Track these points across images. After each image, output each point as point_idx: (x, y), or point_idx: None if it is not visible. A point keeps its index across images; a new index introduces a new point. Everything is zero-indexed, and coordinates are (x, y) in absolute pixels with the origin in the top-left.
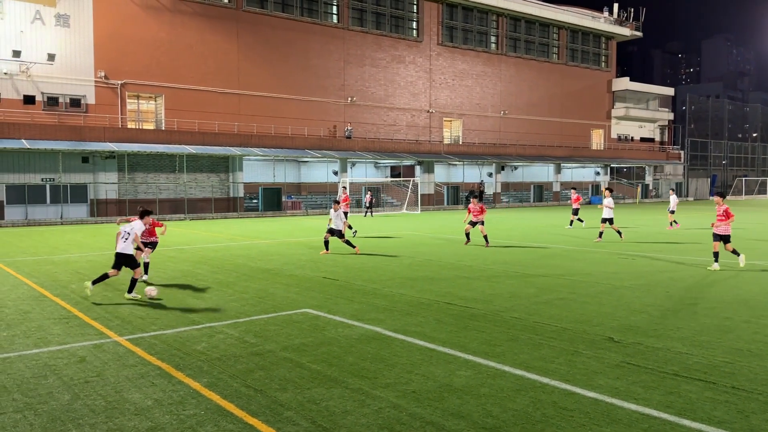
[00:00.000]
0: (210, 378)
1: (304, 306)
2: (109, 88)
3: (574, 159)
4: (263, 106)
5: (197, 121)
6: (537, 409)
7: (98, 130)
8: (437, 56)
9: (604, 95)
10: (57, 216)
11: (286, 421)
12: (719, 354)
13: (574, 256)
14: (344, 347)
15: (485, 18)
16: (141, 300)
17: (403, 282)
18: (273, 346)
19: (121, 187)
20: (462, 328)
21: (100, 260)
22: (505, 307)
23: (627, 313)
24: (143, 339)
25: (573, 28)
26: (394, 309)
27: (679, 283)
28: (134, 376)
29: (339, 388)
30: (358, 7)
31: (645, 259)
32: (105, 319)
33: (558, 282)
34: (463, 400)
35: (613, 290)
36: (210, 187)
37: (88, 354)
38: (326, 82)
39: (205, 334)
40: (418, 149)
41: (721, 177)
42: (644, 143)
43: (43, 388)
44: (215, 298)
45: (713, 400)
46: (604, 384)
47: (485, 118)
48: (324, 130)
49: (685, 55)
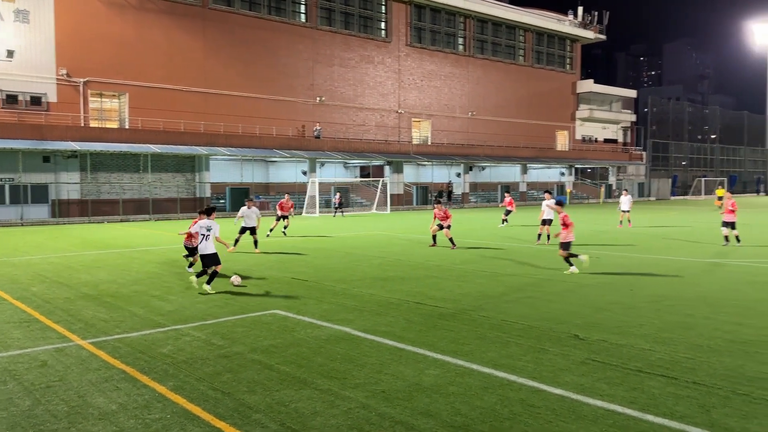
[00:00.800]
0: (176, 381)
1: (273, 307)
2: (71, 86)
3: (540, 160)
4: (230, 105)
5: (162, 120)
6: (505, 407)
7: (60, 129)
8: (406, 57)
9: (568, 97)
10: (17, 217)
11: (255, 423)
12: (681, 350)
13: (539, 255)
14: (313, 348)
15: (453, 19)
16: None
17: (372, 282)
18: (241, 348)
19: (84, 187)
20: (431, 327)
21: (62, 262)
22: (474, 306)
23: (592, 311)
24: (107, 342)
25: (539, 31)
26: (364, 309)
27: (642, 280)
28: (98, 381)
29: (308, 390)
30: (326, 7)
31: (609, 257)
32: (67, 323)
33: (525, 281)
34: (432, 399)
35: (578, 288)
36: (176, 187)
37: (49, 358)
38: (295, 81)
39: (171, 337)
40: (387, 149)
41: (682, 177)
42: (607, 144)
43: (2, 394)
44: (181, 300)
45: (675, 396)
46: (570, 381)
47: (453, 118)
48: (293, 130)
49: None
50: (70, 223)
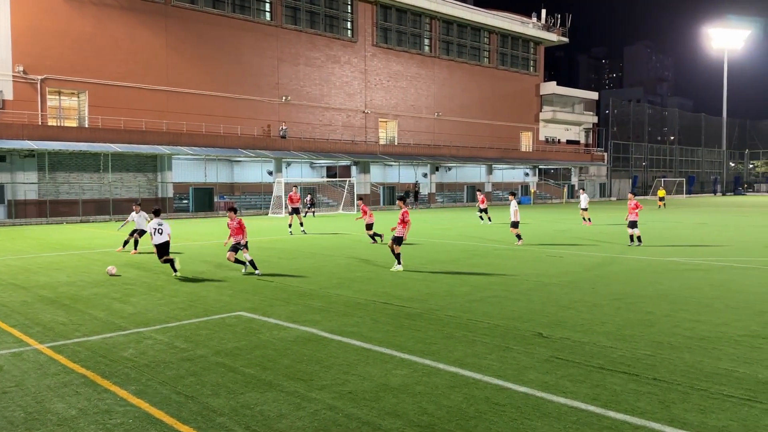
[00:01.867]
0: (138, 385)
1: (238, 309)
2: (28, 83)
3: (505, 160)
4: (193, 104)
5: (123, 119)
6: (471, 405)
7: (16, 128)
8: (372, 57)
9: (532, 99)
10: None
11: (219, 427)
12: (642, 347)
13: (506, 255)
14: (279, 350)
15: (419, 20)
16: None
17: (339, 282)
18: (205, 350)
19: (42, 188)
20: (398, 327)
21: (19, 264)
22: (441, 305)
23: (556, 309)
24: (66, 346)
25: (503, 33)
26: (331, 310)
27: (604, 279)
28: (57, 385)
29: (274, 392)
30: (291, 5)
31: (572, 256)
32: (24, 326)
33: (491, 280)
34: (399, 399)
35: (543, 287)
36: (137, 187)
37: (5, 363)
38: (260, 80)
39: (133, 340)
40: (354, 149)
41: (642, 178)
42: (570, 145)
43: None
44: (143, 303)
45: (636, 392)
46: (534, 378)
47: (420, 119)
48: (258, 130)
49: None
50: (28, 224)
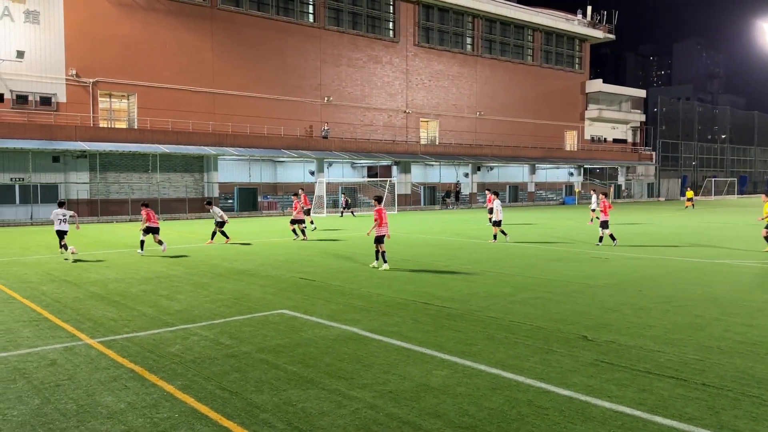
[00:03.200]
0: (184, 380)
1: (281, 307)
2: (80, 86)
3: (549, 160)
4: (238, 106)
5: (171, 120)
6: (512, 408)
7: (69, 129)
8: (414, 57)
9: (577, 97)
10: (27, 216)
11: (262, 423)
12: (690, 351)
13: (548, 256)
14: (321, 348)
15: (461, 19)
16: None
17: (379, 282)
18: (248, 347)
19: (93, 187)
20: (439, 327)
21: (71, 261)
22: (482, 306)
23: (600, 312)
24: (115, 341)
25: (547, 30)
26: (371, 309)
27: (651, 281)
28: (106, 379)
29: (315, 389)
30: (334, 7)
31: (617, 258)
32: (77, 322)
33: (533, 281)
34: (439, 400)
35: (587, 289)
36: (184, 187)
37: (59, 357)
38: (302, 81)
39: (179, 336)
40: (394, 149)
41: (692, 177)
42: (617, 144)
43: (12, 393)
44: (190, 300)
45: (684, 397)
46: (578, 382)
47: (461, 118)
48: (300, 130)
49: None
50: (80, 222)
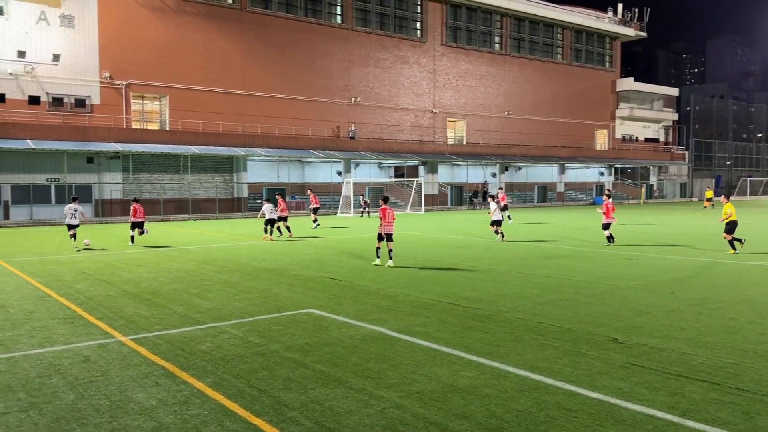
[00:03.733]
0: (214, 378)
1: (308, 306)
2: (113, 88)
3: (578, 159)
4: (267, 107)
5: (201, 122)
6: (541, 410)
7: (103, 131)
8: (441, 57)
9: (608, 95)
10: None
11: (290, 421)
12: (724, 355)
13: (577, 257)
14: (348, 347)
15: (489, 18)
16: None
17: (406, 282)
18: (277, 346)
19: (126, 187)
20: (466, 328)
21: (104, 260)
22: (509, 307)
23: (631, 314)
24: (147, 339)
25: (577, 29)
26: (398, 309)
27: (683, 283)
28: (138, 376)
29: (342, 389)
30: (362, 8)
31: (649, 259)
32: (110, 319)
33: (562, 282)
34: (466, 401)
35: (617, 291)
36: (214, 187)
37: (92, 354)
38: (330, 82)
39: (209, 334)
40: (421, 149)
41: (726, 177)
42: (649, 144)
43: (47, 388)
44: (219, 298)
45: (718, 402)
46: (608, 385)
47: (489, 118)
48: (328, 131)
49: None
50: (113, 222)
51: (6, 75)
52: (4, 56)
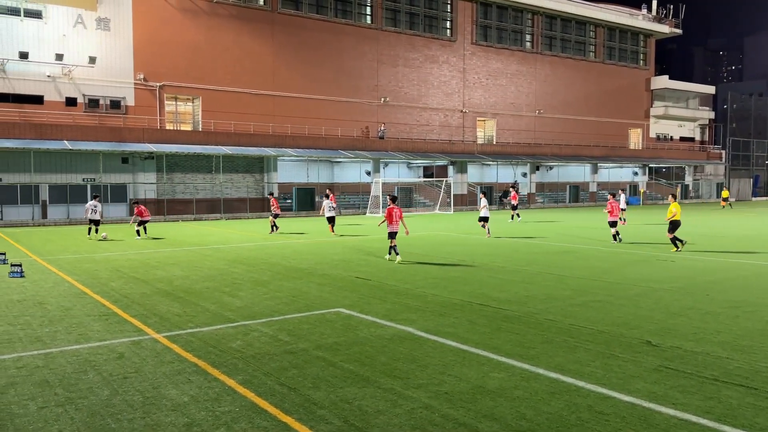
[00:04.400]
0: (245, 375)
1: (337, 305)
2: (147, 90)
3: (612, 159)
4: (297, 107)
5: (233, 122)
6: (572, 413)
7: (137, 132)
8: (471, 55)
9: (642, 94)
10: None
11: (319, 419)
12: (761, 359)
13: (609, 258)
14: (376, 347)
15: (520, 16)
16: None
17: (435, 282)
18: (306, 344)
19: (160, 187)
20: (495, 329)
21: (139, 258)
22: (540, 309)
23: (665, 316)
24: (180, 336)
25: (610, 26)
26: (427, 309)
27: (719, 285)
28: (171, 373)
29: (371, 388)
30: (391, 8)
31: (684, 260)
32: (143, 317)
33: (594, 284)
34: (496, 402)
35: (651, 292)
36: (245, 187)
37: (126, 350)
38: (359, 82)
39: (240, 332)
40: (451, 149)
41: (764, 177)
42: (684, 143)
43: (83, 383)
44: (250, 297)
45: (755, 407)
46: (641, 388)
47: (520, 117)
48: (357, 131)
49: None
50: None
51: (44, 77)
52: (43, 59)
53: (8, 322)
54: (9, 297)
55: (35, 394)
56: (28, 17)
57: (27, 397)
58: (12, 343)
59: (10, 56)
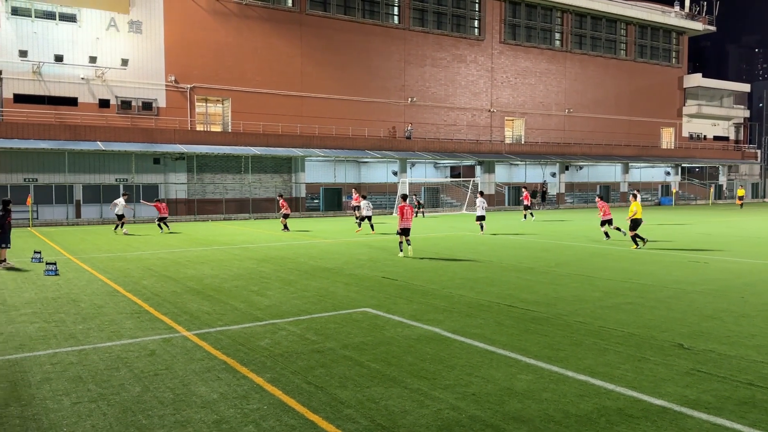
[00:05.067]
0: (273, 373)
1: (364, 305)
2: (178, 91)
3: (643, 158)
4: (325, 108)
5: (262, 123)
6: (601, 416)
7: (169, 133)
8: (499, 54)
9: (674, 92)
10: (130, 215)
11: (346, 418)
12: None
13: (641, 259)
14: (403, 347)
15: (549, 15)
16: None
17: (462, 283)
18: (333, 344)
19: (190, 187)
20: (523, 331)
21: (170, 257)
22: (569, 310)
23: (698, 319)
24: (210, 334)
25: (642, 24)
26: (454, 310)
27: (754, 288)
28: (201, 370)
29: (398, 388)
30: (419, 8)
31: (718, 262)
32: (174, 314)
33: (624, 285)
34: (524, 405)
35: (684, 295)
36: (274, 187)
37: (158, 348)
38: (387, 82)
39: (269, 331)
40: (478, 149)
41: None
42: (718, 142)
43: (115, 380)
44: (278, 296)
45: None
46: (672, 392)
47: (549, 116)
48: (384, 131)
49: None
50: (178, 221)
51: (78, 80)
52: (77, 62)
53: (43, 319)
54: (44, 295)
55: (69, 389)
56: (63, 21)
57: (61, 392)
58: (47, 339)
59: (46, 59)
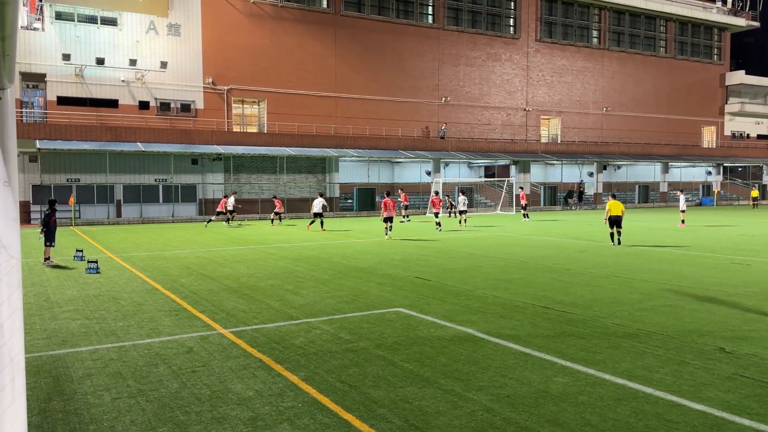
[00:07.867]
0: (307, 372)
1: (397, 305)
2: (216, 93)
3: (683, 158)
4: (359, 108)
5: (297, 124)
6: (639, 420)
7: (206, 134)
8: (535, 53)
9: (716, 90)
10: (169, 214)
11: (380, 418)
12: None
13: (681, 261)
14: (436, 347)
15: (586, 12)
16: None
17: (496, 284)
18: (366, 343)
19: (227, 188)
20: (559, 333)
21: (207, 256)
22: (606, 313)
23: (741, 323)
24: (246, 332)
25: (682, 20)
26: (487, 311)
27: None
28: (237, 368)
29: (431, 388)
30: (453, 7)
31: (762, 264)
32: (211, 312)
33: (664, 287)
34: (560, 408)
35: (726, 297)
36: (308, 187)
37: (195, 345)
38: (420, 82)
39: (303, 330)
40: (513, 149)
41: None
42: (762, 141)
43: (154, 376)
44: (312, 295)
45: None
46: (713, 396)
47: (586, 115)
48: (417, 131)
49: None
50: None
51: (119, 82)
52: (118, 64)
53: (85, 316)
54: (86, 292)
55: (109, 385)
56: (105, 25)
57: (102, 388)
58: (88, 336)
59: (88, 62)
